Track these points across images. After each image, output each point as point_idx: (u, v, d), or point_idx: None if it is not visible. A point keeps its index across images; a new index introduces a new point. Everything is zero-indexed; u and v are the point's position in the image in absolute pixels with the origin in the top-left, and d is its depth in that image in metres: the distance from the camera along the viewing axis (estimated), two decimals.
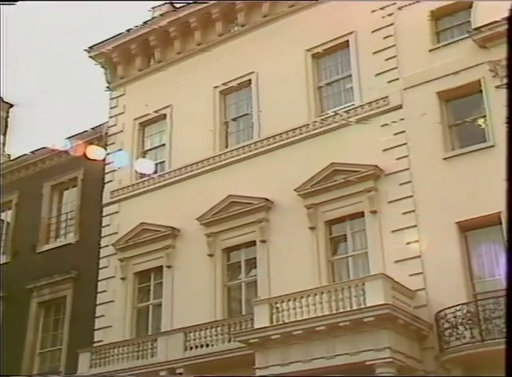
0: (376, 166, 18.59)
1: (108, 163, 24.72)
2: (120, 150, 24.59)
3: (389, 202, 18.33)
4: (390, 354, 15.25)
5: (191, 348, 19.28)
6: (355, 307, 15.89)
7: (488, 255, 17.20)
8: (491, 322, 15.63)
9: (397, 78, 19.24)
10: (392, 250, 17.78)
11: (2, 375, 23.20)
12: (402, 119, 18.89)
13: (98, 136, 25.62)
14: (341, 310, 16.04)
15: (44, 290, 24.70)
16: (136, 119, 24.77)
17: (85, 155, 25.02)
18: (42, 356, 24.37)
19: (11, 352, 23.87)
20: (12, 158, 28.74)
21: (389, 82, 19.35)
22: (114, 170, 24.49)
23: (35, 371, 23.99)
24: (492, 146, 17.20)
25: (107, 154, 24.89)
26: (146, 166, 23.88)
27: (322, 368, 15.93)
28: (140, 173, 24.03)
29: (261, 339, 16.63)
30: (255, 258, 20.23)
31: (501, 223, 16.38)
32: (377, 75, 19.64)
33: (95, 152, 24.79)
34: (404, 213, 18.03)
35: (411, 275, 17.27)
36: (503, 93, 13.85)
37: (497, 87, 17.40)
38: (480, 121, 18.16)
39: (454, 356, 15.75)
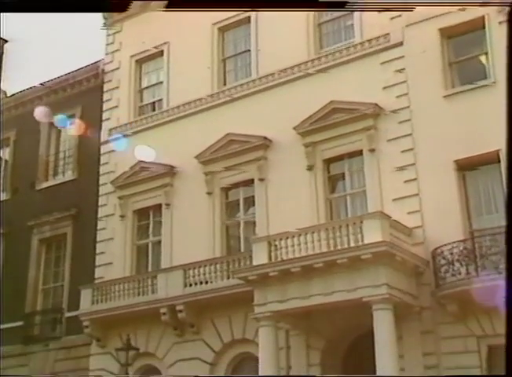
0: (376, 104, 18.48)
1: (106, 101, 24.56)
2: (117, 87, 24.38)
3: (388, 140, 18.30)
4: (387, 290, 15.44)
5: (190, 285, 19.55)
6: (353, 244, 16.01)
7: (486, 193, 17.30)
8: (487, 258, 15.81)
9: (400, 15, 18.91)
10: (390, 188, 17.84)
11: (5, 311, 23.59)
12: (402, 57, 18.66)
13: (95, 73, 25.37)
14: (339, 247, 16.17)
15: (44, 227, 24.85)
16: (132, 56, 24.48)
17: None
18: (44, 293, 24.69)
19: (14, 288, 24.17)
20: (8, 95, 28.45)
21: (392, 18, 19.03)
22: (111, 108, 24.33)
23: (39, 307, 24.33)
24: (493, 83, 17.05)
25: (105, 91, 24.68)
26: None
27: (320, 305, 16.19)
28: (139, 111, 23.93)
29: (260, 276, 16.81)
30: (253, 197, 20.30)
31: (499, 161, 16.42)
32: (379, 11, 19.29)
33: None
34: (403, 151, 18.02)
35: (408, 213, 17.38)
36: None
37: (500, 23, 17.15)
38: (482, 58, 17.96)
39: (449, 292, 15.96)
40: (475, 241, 16.24)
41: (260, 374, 16.49)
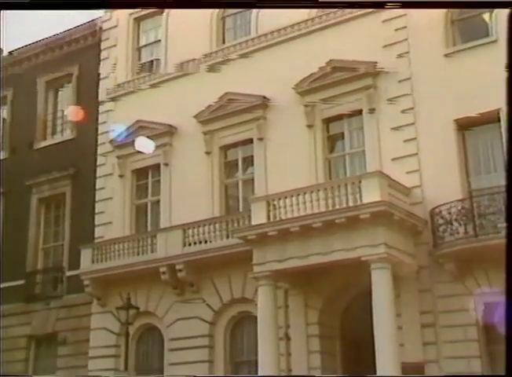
0: (376, 62, 18.39)
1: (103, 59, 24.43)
2: (115, 46, 24.22)
3: (388, 99, 18.27)
4: (385, 250, 15.59)
5: (189, 244, 19.71)
6: (351, 204, 16.11)
7: (485, 152, 17.36)
8: (485, 218, 15.94)
9: None
10: (389, 148, 17.88)
11: (7, 270, 23.84)
12: (404, 15, 18.51)
13: (92, 31, 25.17)
14: (338, 207, 16.28)
15: (43, 186, 24.92)
16: (131, 14, 24.27)
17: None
18: (45, 252, 24.86)
19: (14, 248, 24.37)
20: (5, 52, 28.23)
21: None
22: (109, 67, 24.21)
23: (39, 266, 24.52)
24: (495, 41, 16.96)
25: (102, 50, 24.53)
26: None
27: (318, 264, 16.36)
28: (136, 70, 23.82)
29: (259, 236, 16.94)
30: (252, 156, 20.33)
31: (499, 120, 16.42)
32: None
33: None
34: (403, 110, 18.01)
35: (407, 172, 17.45)
36: None
37: None
38: (485, 15, 17.81)
39: (447, 251, 16.13)
40: (473, 200, 16.36)
41: (259, 332, 16.72)
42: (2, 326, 23.42)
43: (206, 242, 19.48)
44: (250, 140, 20.37)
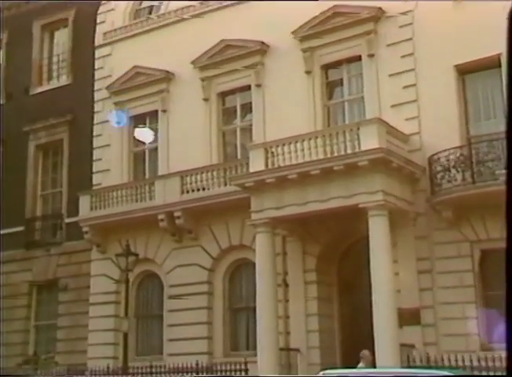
0: (379, 8, 18.25)
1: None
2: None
3: (388, 45, 18.22)
4: (383, 197, 15.78)
5: (187, 191, 19.95)
6: (349, 151, 16.24)
7: (485, 99, 17.41)
8: (484, 165, 16.08)
9: None
10: (388, 94, 17.93)
11: (6, 217, 24.15)
12: None
13: None
14: (336, 154, 16.42)
15: (40, 133, 25.03)
16: None
17: None
18: (43, 199, 25.13)
19: (13, 194, 24.61)
20: None
21: None
22: (106, 11, 24.06)
23: (38, 213, 24.83)
24: None
25: None
26: None
27: (316, 211, 16.61)
28: (134, 15, 23.67)
29: (257, 183, 17.12)
30: (250, 103, 20.41)
31: (500, 65, 16.40)
32: None
33: None
34: (403, 56, 17.99)
35: (406, 119, 17.54)
36: None
37: None
38: None
39: (445, 198, 16.34)
40: (472, 147, 16.48)
41: (257, 279, 17.08)
42: (3, 272, 23.87)
43: (204, 189, 19.72)
44: (248, 87, 20.40)
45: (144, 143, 22.62)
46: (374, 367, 14.61)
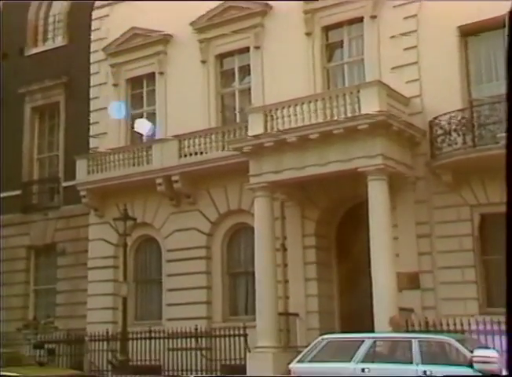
0: None
1: None
2: None
3: (394, 7, 18.04)
4: (382, 161, 15.87)
5: (185, 155, 20.05)
6: (349, 114, 16.28)
7: (487, 61, 17.38)
8: (485, 128, 16.13)
9: None
10: (389, 56, 17.88)
11: (3, 180, 24.27)
12: None
13: None
14: (336, 118, 16.47)
15: (36, 95, 25.02)
16: None
17: None
18: (40, 162, 25.22)
19: (9, 158, 24.68)
20: None
21: None
22: None
23: (35, 176, 24.96)
24: None
25: None
26: None
27: (315, 175, 16.73)
28: None
29: (255, 147, 17.21)
30: (249, 65, 20.37)
31: (504, 26, 16.22)
32: None
33: None
34: (405, 17, 17.88)
35: (407, 82, 17.53)
36: None
37: None
38: None
39: (445, 162, 16.42)
40: (474, 110, 16.50)
41: (256, 243, 17.27)
42: (1, 236, 24.07)
43: (201, 153, 19.81)
44: (247, 49, 20.34)
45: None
46: (405, 330, 14.84)
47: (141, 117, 22.71)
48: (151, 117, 22.27)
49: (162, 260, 21.06)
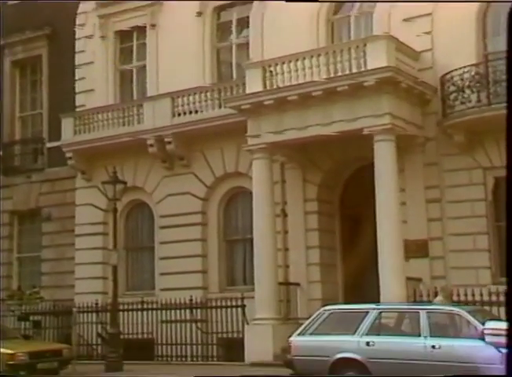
0: None
1: None
2: None
3: None
4: (390, 120, 16.03)
5: (179, 114, 20.21)
6: (355, 70, 16.38)
7: (505, 11, 17.23)
8: (501, 84, 16.12)
9: None
10: (399, 7, 17.78)
11: None
12: None
13: None
14: (340, 74, 16.57)
15: (17, 47, 24.95)
16: None
17: None
18: (22, 121, 25.28)
19: None
20: None
21: None
22: None
23: (17, 136, 25.04)
24: None
25: None
26: None
27: (317, 136, 16.87)
28: None
29: (254, 105, 17.34)
30: (248, 17, 20.34)
31: None
32: None
33: None
34: None
35: (418, 35, 17.51)
36: None
37: None
38: None
39: (457, 121, 16.54)
40: (489, 65, 16.51)
41: (254, 208, 17.45)
42: None
43: (196, 112, 19.94)
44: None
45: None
46: (413, 301, 15.12)
47: (131, 72, 22.76)
48: (142, 72, 22.31)
49: (154, 226, 21.35)
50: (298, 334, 12.97)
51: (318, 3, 19.02)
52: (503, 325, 11.24)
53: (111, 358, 17.72)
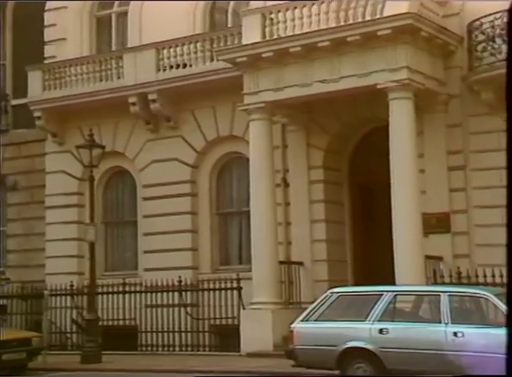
0: None
1: None
2: None
3: None
4: (407, 75, 16.05)
5: (165, 68, 20.24)
6: (368, 18, 16.34)
7: None
8: None
9: None
10: None
11: None
12: None
13: None
14: (351, 21, 16.53)
15: None
16: None
17: None
18: None
19: None
20: None
21: None
22: None
23: None
24: None
25: None
26: None
27: (324, 93, 16.92)
28: None
29: (251, 58, 17.34)
30: None
31: None
32: None
33: None
34: None
35: None
36: None
37: None
38: None
39: (486, 76, 16.52)
40: None
41: (251, 177, 17.51)
42: None
43: (185, 66, 19.99)
44: None
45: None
46: (433, 283, 15.27)
47: (109, 19, 22.76)
48: (123, 19, 22.33)
49: (137, 197, 21.52)
50: (302, 321, 13.07)
51: None
52: None
53: (87, 348, 17.91)
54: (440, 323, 11.94)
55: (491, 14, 16.58)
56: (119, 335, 19.35)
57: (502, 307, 11.63)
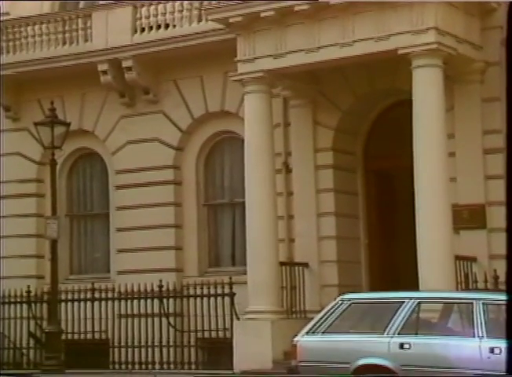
0: None
1: None
2: None
3: None
4: (435, 38, 16.01)
5: (143, 30, 20.33)
6: None
7: None
8: None
9: None
10: None
11: None
12: None
13: None
14: None
15: None
16: None
17: None
18: None
19: None
20: None
21: None
22: None
23: None
24: None
25: None
26: None
27: (334, 61, 16.98)
28: None
29: (247, 18, 17.34)
30: None
31: None
32: None
33: None
34: None
35: None
36: None
37: None
38: None
39: None
40: None
41: (246, 161, 17.54)
42: None
43: (167, 26, 20.08)
44: None
45: None
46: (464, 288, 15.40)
47: None
48: None
49: (109, 186, 21.64)
50: (307, 333, 13.17)
51: None
52: None
53: (48, 366, 17.99)
54: (473, 337, 12.01)
55: None
56: (87, 351, 19.45)
57: None
